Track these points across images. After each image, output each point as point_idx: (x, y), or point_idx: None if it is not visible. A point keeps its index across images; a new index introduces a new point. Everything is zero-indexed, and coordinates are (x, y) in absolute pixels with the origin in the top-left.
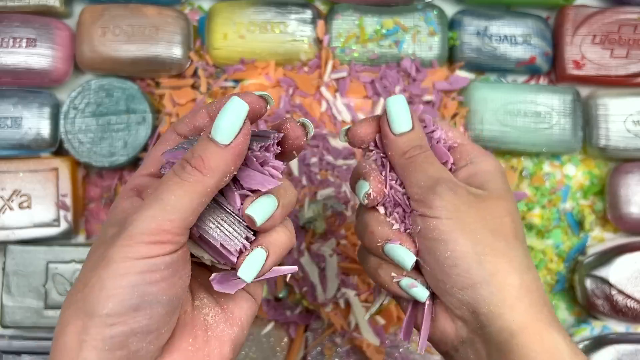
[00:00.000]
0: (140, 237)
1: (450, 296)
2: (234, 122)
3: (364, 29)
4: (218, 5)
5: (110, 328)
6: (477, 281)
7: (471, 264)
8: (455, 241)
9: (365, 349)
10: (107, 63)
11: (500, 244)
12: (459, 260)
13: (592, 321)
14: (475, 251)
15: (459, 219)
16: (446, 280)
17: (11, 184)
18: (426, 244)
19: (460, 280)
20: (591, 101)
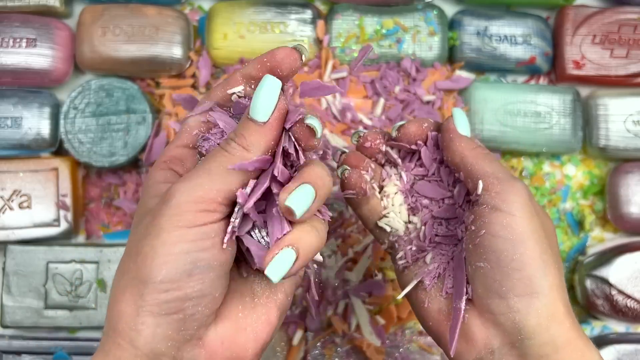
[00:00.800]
0: (188, 205)
1: (502, 300)
2: (269, 100)
3: (364, 29)
4: (218, 5)
5: (165, 294)
6: (536, 290)
7: (536, 272)
8: (525, 244)
9: (365, 349)
10: (107, 63)
11: (554, 258)
12: (526, 265)
13: (592, 321)
14: (543, 259)
15: (532, 221)
16: (504, 282)
17: (11, 184)
18: (491, 242)
19: (520, 286)
20: (591, 101)
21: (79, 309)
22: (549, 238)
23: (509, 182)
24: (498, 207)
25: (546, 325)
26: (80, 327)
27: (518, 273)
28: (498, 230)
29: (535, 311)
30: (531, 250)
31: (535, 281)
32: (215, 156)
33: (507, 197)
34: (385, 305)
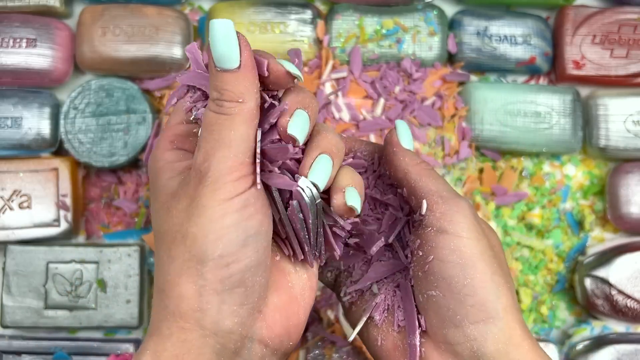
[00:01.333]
0: (224, 178)
1: (458, 329)
2: (229, 44)
3: (364, 29)
4: (218, 6)
5: (226, 268)
6: (491, 315)
7: (489, 295)
8: (475, 267)
9: (365, 349)
10: (107, 63)
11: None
12: (478, 289)
13: (592, 321)
14: (494, 280)
15: (480, 242)
16: (458, 310)
17: (11, 184)
18: (440, 268)
19: (474, 313)
20: (591, 101)
21: (79, 309)
22: (497, 256)
23: (453, 201)
24: (444, 229)
25: (505, 351)
26: (80, 327)
27: (471, 299)
28: (447, 254)
29: (493, 337)
30: (482, 273)
31: (489, 305)
32: (217, 124)
33: (452, 217)
34: None
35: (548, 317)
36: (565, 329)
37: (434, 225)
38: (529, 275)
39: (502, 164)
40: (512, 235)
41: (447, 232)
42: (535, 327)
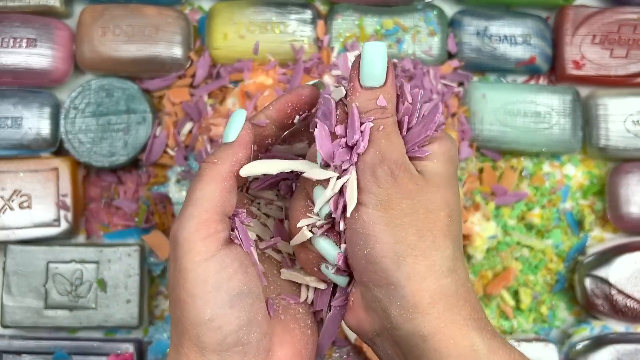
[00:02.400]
0: (193, 236)
1: (367, 290)
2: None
3: (364, 29)
4: (218, 6)
5: (220, 331)
6: (392, 282)
7: (389, 265)
8: (376, 237)
9: (365, 349)
10: (107, 63)
11: (425, 243)
12: (377, 259)
13: (591, 321)
14: (395, 251)
15: (387, 211)
16: (363, 274)
17: (11, 184)
18: (348, 233)
19: (376, 278)
20: (591, 101)
21: (79, 308)
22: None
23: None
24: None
25: (408, 317)
26: (80, 327)
27: (372, 266)
28: (352, 222)
29: (396, 303)
30: (382, 243)
31: (389, 274)
32: (191, 186)
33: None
34: None
35: (548, 317)
36: (565, 329)
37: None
38: (529, 275)
39: (502, 164)
40: (512, 235)
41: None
42: (535, 327)
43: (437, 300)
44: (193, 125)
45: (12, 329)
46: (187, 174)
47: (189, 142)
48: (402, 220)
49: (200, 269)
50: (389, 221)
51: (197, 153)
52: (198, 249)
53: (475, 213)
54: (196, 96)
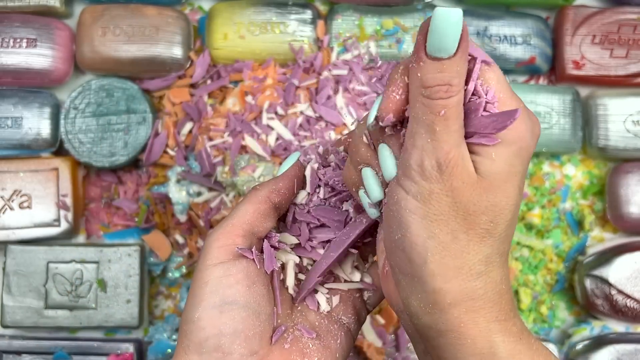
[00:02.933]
0: (214, 243)
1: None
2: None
3: (364, 29)
4: (218, 6)
5: (203, 331)
6: (416, 275)
7: (415, 258)
8: (409, 227)
9: (365, 349)
10: (107, 63)
11: (457, 245)
12: (406, 248)
13: (591, 321)
14: (425, 246)
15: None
16: (391, 256)
17: (11, 184)
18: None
19: (402, 265)
20: (591, 101)
21: (79, 308)
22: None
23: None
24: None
25: (427, 311)
26: (80, 327)
27: (400, 253)
28: (391, 204)
29: (416, 295)
30: (414, 235)
31: (414, 266)
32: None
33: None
34: (385, 305)
35: (548, 316)
36: (565, 329)
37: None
38: (529, 275)
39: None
40: None
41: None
42: (535, 327)
43: (459, 301)
44: (193, 125)
45: (13, 329)
46: (187, 174)
47: (189, 142)
48: (439, 217)
49: (207, 271)
50: (426, 215)
51: (197, 153)
52: (211, 254)
53: None
54: (196, 96)
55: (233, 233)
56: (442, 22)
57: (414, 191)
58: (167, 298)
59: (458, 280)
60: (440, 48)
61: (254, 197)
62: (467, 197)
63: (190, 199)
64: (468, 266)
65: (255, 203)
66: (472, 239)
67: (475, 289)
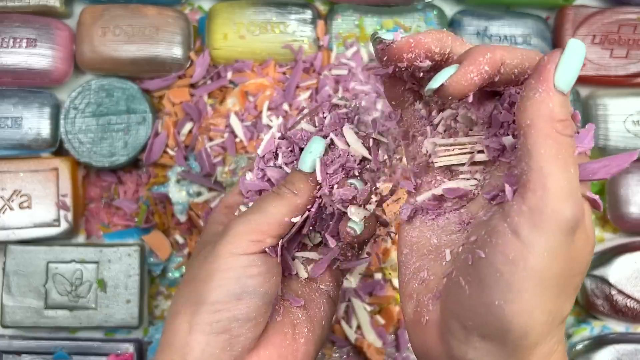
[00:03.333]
0: (243, 235)
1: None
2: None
3: (364, 29)
4: (218, 6)
5: (215, 314)
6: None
7: (516, 329)
8: (520, 294)
9: (365, 349)
10: (107, 63)
11: (559, 313)
12: (507, 317)
13: (591, 321)
14: (532, 316)
15: (549, 267)
16: (474, 319)
17: (11, 184)
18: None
19: (489, 332)
20: (591, 101)
21: (79, 308)
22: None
23: (556, 201)
24: (518, 232)
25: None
26: (80, 327)
27: (493, 320)
28: (499, 262)
29: (489, 357)
30: (523, 303)
31: (509, 336)
32: (268, 197)
33: (539, 222)
34: (385, 305)
35: None
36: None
37: (511, 218)
38: None
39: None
40: None
41: (519, 237)
42: None
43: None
44: (193, 125)
45: (12, 329)
46: (187, 174)
47: (189, 142)
48: (555, 281)
49: (232, 259)
50: (545, 278)
51: (197, 153)
52: (240, 244)
53: None
54: (196, 96)
55: (267, 232)
56: (577, 57)
57: (541, 247)
58: (167, 298)
59: (544, 348)
60: (570, 83)
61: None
62: (578, 254)
63: (190, 199)
64: (557, 335)
65: (293, 211)
66: (565, 302)
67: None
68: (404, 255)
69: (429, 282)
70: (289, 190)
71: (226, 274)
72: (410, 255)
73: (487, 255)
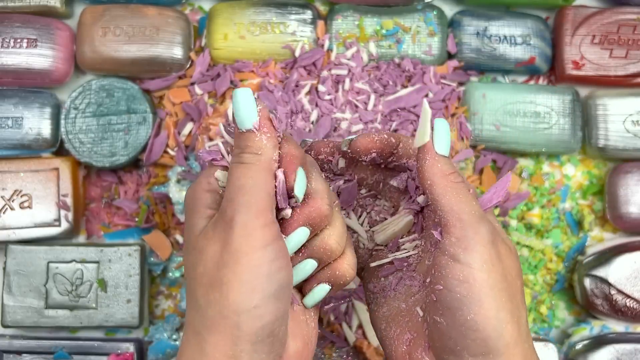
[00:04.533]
0: (252, 223)
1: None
2: (248, 108)
3: (364, 29)
4: (218, 6)
5: (260, 319)
6: (491, 350)
7: (491, 332)
8: (481, 302)
9: (365, 349)
10: (107, 63)
11: (517, 311)
12: (480, 325)
13: (591, 321)
14: (498, 318)
15: (491, 274)
16: (459, 341)
17: (12, 184)
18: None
19: (475, 347)
20: (590, 101)
21: (79, 308)
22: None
23: (472, 227)
24: (457, 258)
25: None
26: (80, 327)
27: (473, 334)
28: (455, 285)
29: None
30: (487, 309)
31: (490, 342)
32: (238, 173)
33: (467, 245)
34: None
35: (547, 316)
36: (564, 329)
37: (447, 250)
38: (529, 275)
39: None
40: (511, 235)
41: (460, 261)
42: (535, 327)
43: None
44: (193, 125)
45: (13, 329)
46: (188, 174)
47: (189, 142)
48: (500, 286)
49: (257, 255)
50: (493, 286)
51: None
52: (257, 235)
53: None
54: (196, 96)
55: (267, 209)
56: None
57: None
58: (167, 298)
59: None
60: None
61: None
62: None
63: None
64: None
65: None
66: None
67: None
68: (383, 330)
69: (415, 340)
70: (250, 154)
71: (258, 272)
72: (389, 327)
73: (444, 285)
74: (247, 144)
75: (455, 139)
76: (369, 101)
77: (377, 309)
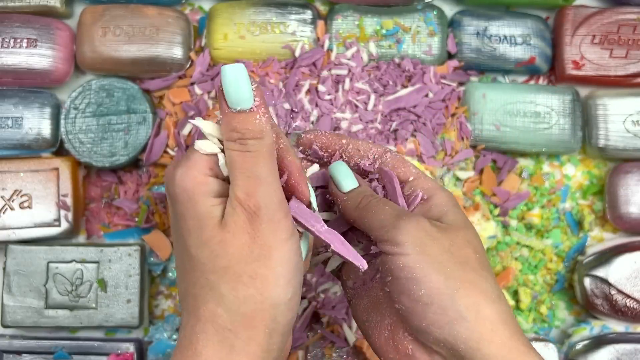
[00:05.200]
0: (277, 214)
1: (428, 334)
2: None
3: (364, 29)
4: (218, 6)
5: (293, 310)
6: (453, 318)
7: (445, 301)
8: (426, 277)
9: (365, 349)
10: (107, 63)
11: (470, 275)
12: (433, 298)
13: (591, 321)
14: (447, 286)
15: (426, 253)
16: (422, 319)
17: (12, 184)
18: (399, 285)
19: (437, 319)
20: (590, 101)
21: (79, 308)
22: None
23: (395, 229)
24: (392, 252)
25: (476, 347)
26: (80, 327)
27: (430, 307)
28: (398, 273)
29: (460, 336)
30: (434, 282)
31: (448, 309)
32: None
33: (396, 240)
34: None
35: (547, 316)
36: (564, 329)
37: (384, 250)
38: (529, 275)
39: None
40: (511, 235)
41: (394, 254)
42: (535, 327)
43: (498, 326)
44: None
45: (13, 329)
46: None
47: (189, 142)
48: (442, 258)
49: (286, 247)
50: (432, 261)
51: None
52: (283, 226)
53: (475, 213)
54: (196, 96)
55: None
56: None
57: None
58: (167, 298)
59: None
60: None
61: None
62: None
63: None
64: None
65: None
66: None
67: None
68: (366, 321)
69: (394, 323)
70: (252, 140)
71: (290, 265)
72: (370, 317)
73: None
74: (247, 127)
75: (455, 139)
76: (369, 101)
77: (358, 302)
